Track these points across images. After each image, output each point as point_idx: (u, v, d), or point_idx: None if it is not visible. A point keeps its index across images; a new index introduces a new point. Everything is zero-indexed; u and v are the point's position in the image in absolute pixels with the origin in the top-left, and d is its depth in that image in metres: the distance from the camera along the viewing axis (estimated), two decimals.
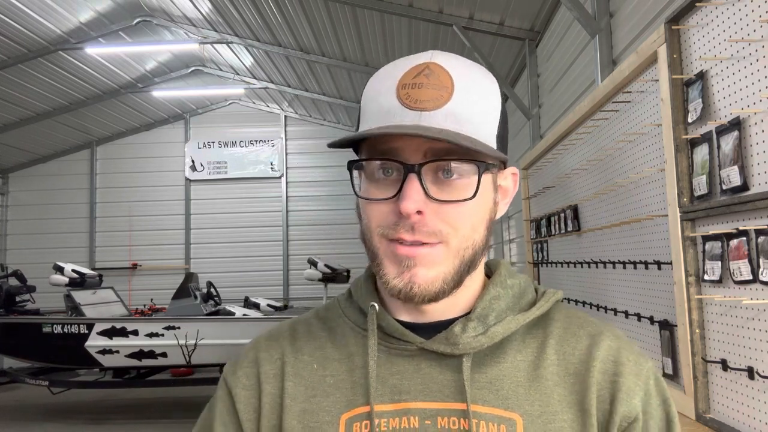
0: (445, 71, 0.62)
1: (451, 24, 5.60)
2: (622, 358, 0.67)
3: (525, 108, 5.74)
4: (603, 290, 2.59)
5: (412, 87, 0.61)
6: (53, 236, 11.15)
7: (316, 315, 0.77)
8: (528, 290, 0.73)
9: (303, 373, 0.70)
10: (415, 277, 0.62)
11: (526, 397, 0.64)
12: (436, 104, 0.60)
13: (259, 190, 11.40)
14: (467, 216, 0.62)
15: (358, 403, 0.66)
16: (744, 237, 1.42)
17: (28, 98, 8.86)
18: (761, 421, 1.41)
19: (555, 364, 0.66)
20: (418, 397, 0.65)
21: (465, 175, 0.62)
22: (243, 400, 0.70)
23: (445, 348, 0.65)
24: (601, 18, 3.64)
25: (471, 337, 0.65)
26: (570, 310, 0.74)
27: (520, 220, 5.95)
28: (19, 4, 6.68)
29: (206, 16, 7.68)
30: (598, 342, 0.68)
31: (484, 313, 0.67)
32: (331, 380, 0.68)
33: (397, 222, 0.61)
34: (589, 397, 0.64)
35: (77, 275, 7.08)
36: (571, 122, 2.85)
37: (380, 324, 0.68)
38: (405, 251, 0.62)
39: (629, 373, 0.66)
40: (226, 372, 0.74)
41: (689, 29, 1.71)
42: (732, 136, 1.48)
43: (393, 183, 0.62)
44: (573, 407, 0.64)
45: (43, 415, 6.87)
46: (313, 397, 0.68)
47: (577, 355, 0.67)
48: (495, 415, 0.63)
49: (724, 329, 1.57)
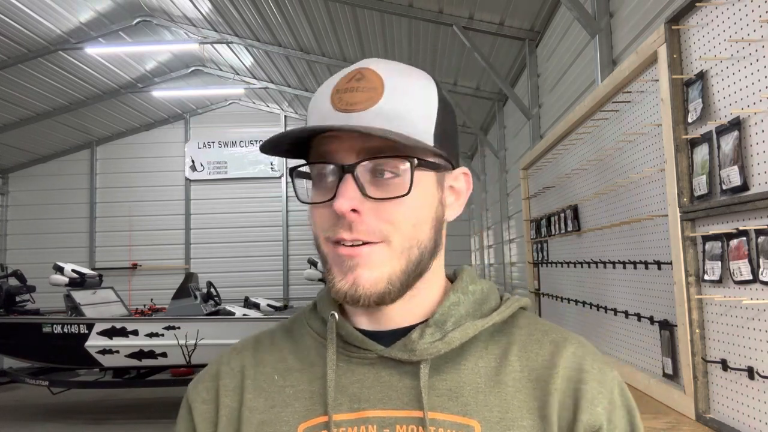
0: (377, 74, 0.63)
1: (451, 24, 5.60)
2: (585, 365, 0.66)
3: (525, 108, 5.74)
4: (603, 290, 2.59)
5: (344, 92, 0.63)
6: (53, 236, 11.16)
7: (282, 326, 0.76)
8: (491, 296, 0.72)
9: (263, 385, 0.69)
10: (358, 278, 0.62)
11: (485, 404, 0.63)
12: (365, 105, 0.62)
13: (259, 190, 11.41)
14: (407, 214, 0.62)
15: (317, 413, 0.65)
16: (744, 237, 1.42)
17: (28, 98, 8.87)
18: (761, 421, 1.41)
19: (517, 371, 0.66)
20: (377, 406, 0.64)
21: (401, 173, 0.62)
22: (200, 413, 0.70)
23: (403, 355, 0.65)
24: (601, 18, 3.64)
25: (428, 343, 0.65)
26: (535, 318, 0.73)
27: (520, 220, 5.95)
28: (19, 4, 6.69)
29: (206, 16, 7.68)
30: (562, 349, 0.67)
31: (442, 319, 0.67)
32: (290, 391, 0.68)
33: (336, 223, 0.62)
34: (550, 404, 0.63)
35: (77, 275, 7.08)
36: (571, 122, 2.85)
37: (340, 332, 0.68)
38: (346, 251, 0.62)
39: (593, 380, 0.65)
40: (189, 387, 0.74)
41: (689, 29, 1.71)
42: (732, 136, 1.48)
43: (331, 186, 0.63)
44: (533, 414, 0.63)
45: (43, 415, 6.87)
46: (272, 408, 0.67)
47: (539, 361, 0.66)
48: (453, 422, 0.63)
49: (724, 329, 1.57)
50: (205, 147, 11.46)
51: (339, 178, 0.61)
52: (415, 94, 0.64)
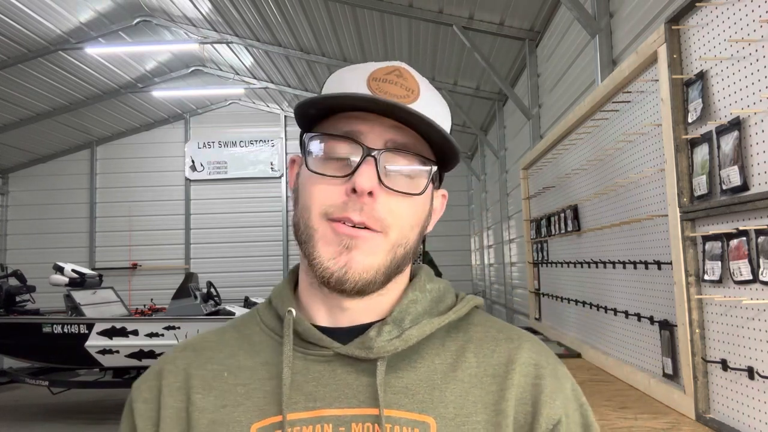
0: (414, 78, 0.65)
1: (451, 24, 5.60)
2: (541, 362, 0.68)
3: (525, 108, 5.74)
4: (603, 290, 2.59)
5: (383, 81, 0.63)
6: (53, 236, 11.16)
7: (232, 324, 0.75)
8: (447, 295, 0.73)
9: (212, 383, 0.67)
10: (351, 261, 0.62)
11: (440, 400, 0.64)
12: (404, 101, 0.63)
13: (259, 190, 11.41)
14: (410, 212, 0.64)
15: (271, 413, 0.64)
16: (744, 237, 1.42)
17: (28, 98, 8.87)
18: (761, 421, 1.41)
19: (474, 366, 0.67)
20: (333, 404, 0.64)
21: (416, 174, 0.64)
22: (142, 413, 0.68)
23: (360, 352, 0.64)
24: (601, 18, 3.65)
25: (386, 341, 0.65)
26: (489, 316, 0.75)
27: (520, 220, 5.95)
28: (19, 4, 6.69)
29: (206, 16, 7.68)
30: (519, 345, 0.69)
31: (400, 316, 0.67)
32: (242, 389, 0.66)
33: (347, 201, 0.61)
34: (506, 398, 0.65)
35: (77, 275, 7.08)
36: (571, 122, 2.85)
37: (297, 329, 0.67)
38: (347, 231, 0.61)
39: (549, 376, 0.67)
40: (132, 386, 0.72)
41: (689, 29, 1.71)
42: (732, 136, 1.48)
43: (347, 165, 0.62)
44: (488, 408, 0.64)
45: (43, 415, 6.87)
46: (223, 407, 0.65)
47: (496, 357, 0.68)
48: (409, 419, 0.63)
49: (724, 329, 1.57)
50: (205, 147, 11.46)
51: (361, 159, 0.61)
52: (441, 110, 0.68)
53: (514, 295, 7.06)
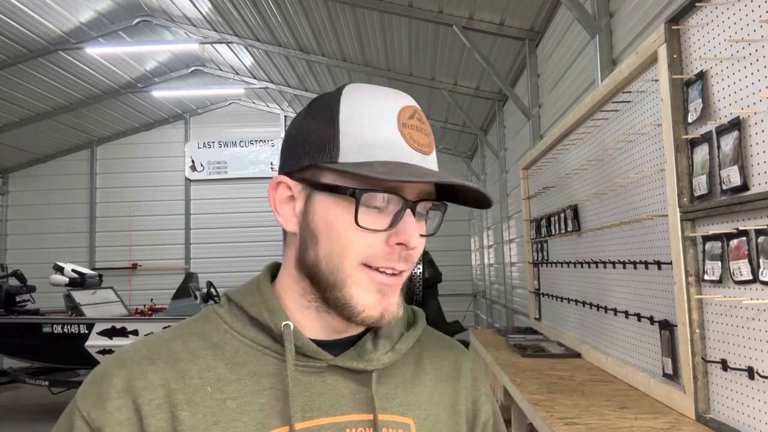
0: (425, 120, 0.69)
1: (451, 24, 5.60)
2: (476, 367, 0.82)
3: (525, 108, 5.74)
4: (603, 290, 2.59)
5: (411, 128, 0.66)
6: (53, 236, 11.16)
7: (190, 332, 0.68)
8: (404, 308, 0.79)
9: (196, 399, 0.62)
10: (390, 305, 0.66)
11: (414, 403, 0.72)
12: (429, 149, 0.67)
13: (259, 190, 11.40)
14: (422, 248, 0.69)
15: (272, 425, 0.63)
16: (744, 237, 1.42)
17: (28, 98, 8.87)
18: (761, 421, 1.41)
19: (431, 373, 0.76)
20: (328, 413, 0.66)
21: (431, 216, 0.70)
22: None
23: (358, 364, 0.68)
24: (601, 18, 3.65)
25: (382, 354, 0.70)
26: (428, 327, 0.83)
27: (520, 220, 5.95)
28: (19, 4, 6.69)
29: (206, 16, 7.68)
30: (461, 354, 0.82)
31: (389, 330, 0.73)
32: (233, 404, 0.63)
33: (392, 253, 0.64)
34: (460, 400, 0.77)
35: (77, 275, 7.08)
36: (571, 122, 2.84)
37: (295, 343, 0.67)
38: (389, 281, 0.65)
39: (480, 381, 0.81)
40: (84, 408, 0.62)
41: (689, 29, 1.71)
42: (732, 136, 1.48)
43: (385, 215, 0.64)
44: (447, 408, 0.75)
45: (43, 415, 6.87)
46: (215, 424, 0.62)
47: (446, 363, 0.79)
48: (394, 421, 0.69)
49: (724, 329, 1.56)
50: (205, 147, 11.46)
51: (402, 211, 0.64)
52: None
53: (514, 295, 7.06)
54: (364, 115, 0.64)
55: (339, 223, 0.63)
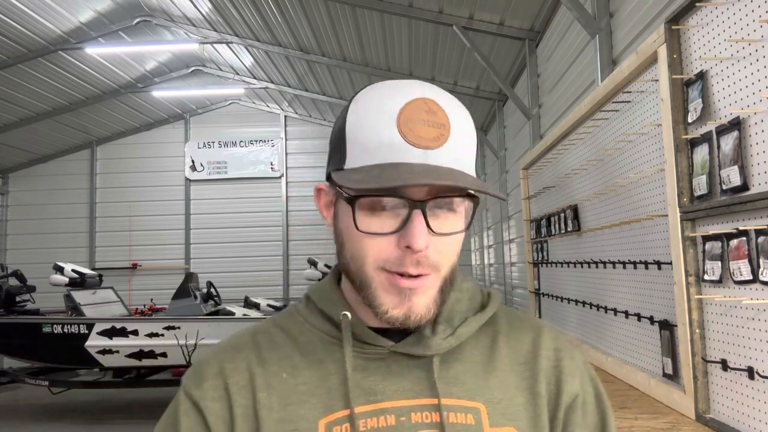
0: (441, 109, 0.64)
1: (451, 24, 5.60)
2: (560, 346, 0.77)
3: (525, 108, 5.74)
4: (603, 290, 2.59)
5: (413, 122, 0.62)
6: (53, 236, 11.16)
7: (275, 324, 0.77)
8: (477, 293, 0.79)
9: (273, 383, 0.70)
10: (414, 306, 0.65)
11: (485, 387, 0.71)
12: (438, 142, 0.62)
13: (259, 190, 11.40)
14: (456, 245, 0.67)
15: (336, 408, 0.68)
16: (744, 237, 1.42)
17: (28, 98, 8.87)
18: (761, 421, 1.41)
19: (507, 356, 0.75)
20: (391, 397, 0.68)
21: (458, 207, 0.66)
22: (213, 412, 0.69)
23: (417, 350, 0.70)
24: (601, 18, 3.65)
25: (441, 339, 0.70)
26: (509, 308, 0.82)
27: (520, 220, 5.95)
28: (19, 4, 6.69)
29: (206, 16, 7.68)
30: (541, 334, 0.77)
31: (449, 315, 0.73)
32: (304, 388, 0.70)
33: (402, 256, 0.63)
34: (539, 381, 0.73)
35: (77, 275, 7.08)
36: (571, 122, 2.84)
37: (353, 331, 0.71)
38: (407, 284, 0.64)
39: (567, 358, 0.76)
40: (187, 386, 0.72)
41: (689, 29, 1.71)
42: (732, 136, 1.48)
43: (393, 216, 0.64)
44: (525, 391, 0.72)
45: (43, 415, 6.87)
46: (288, 405, 0.69)
47: (524, 346, 0.76)
48: (462, 405, 0.69)
49: (724, 329, 1.56)
50: (205, 147, 11.45)
51: (408, 213, 0.62)
52: (470, 132, 0.67)
53: (514, 295, 7.06)
54: (367, 118, 0.65)
55: (353, 228, 0.65)
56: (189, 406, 0.71)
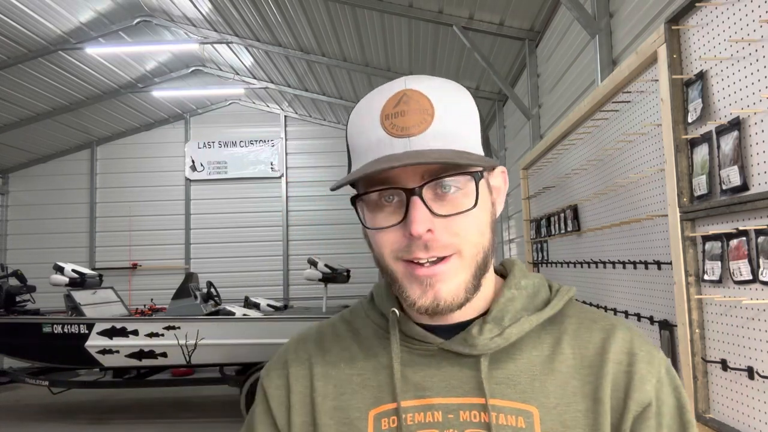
0: (422, 95, 0.65)
1: (451, 24, 5.60)
2: (635, 349, 0.70)
3: (525, 108, 5.74)
4: (603, 290, 2.59)
5: (395, 116, 0.64)
6: (53, 236, 11.16)
7: (342, 318, 0.82)
8: (542, 289, 0.76)
9: (331, 372, 0.75)
10: (438, 293, 0.65)
11: (541, 390, 0.68)
12: (421, 128, 0.64)
13: (259, 190, 11.40)
14: (474, 224, 0.66)
15: (385, 401, 0.70)
16: (744, 237, 1.42)
17: (28, 98, 8.87)
18: (761, 421, 1.41)
19: (570, 358, 0.70)
20: (440, 394, 0.69)
21: (463, 186, 0.65)
22: (275, 398, 0.76)
23: (464, 348, 0.69)
24: (601, 18, 3.65)
25: (487, 339, 0.69)
26: (583, 306, 0.77)
27: (520, 220, 5.95)
28: (19, 4, 6.69)
29: (206, 16, 7.68)
30: (612, 335, 0.71)
31: (499, 315, 0.71)
32: (358, 379, 0.73)
33: (410, 244, 0.64)
34: (603, 387, 0.68)
35: (77, 275, 7.08)
36: (571, 122, 2.84)
37: (402, 327, 0.72)
38: (424, 272, 0.65)
39: (642, 362, 0.69)
40: (261, 375, 0.80)
41: (689, 29, 1.71)
42: (732, 136, 1.48)
43: (396, 208, 0.66)
44: (587, 398, 0.68)
45: (43, 415, 6.87)
46: (342, 394, 0.73)
47: (591, 348, 0.71)
48: (513, 408, 0.67)
49: (724, 329, 1.56)
50: (205, 147, 11.45)
51: (406, 201, 0.64)
52: (460, 108, 0.67)
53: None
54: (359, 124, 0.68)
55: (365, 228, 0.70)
56: (261, 393, 0.79)
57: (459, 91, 0.69)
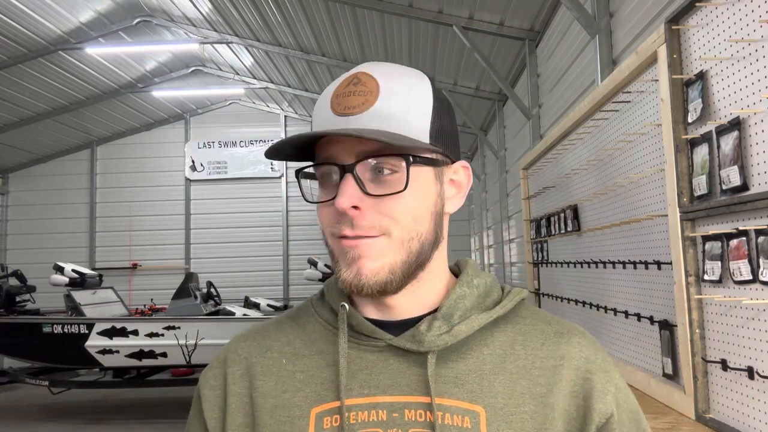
0: (372, 78, 0.67)
1: (451, 24, 5.60)
2: (591, 356, 0.70)
3: (525, 108, 5.74)
4: (603, 290, 2.59)
5: (343, 96, 0.66)
6: (53, 236, 11.16)
7: (288, 314, 0.80)
8: (493, 289, 0.75)
9: (272, 369, 0.72)
10: (361, 268, 0.65)
11: (489, 390, 0.67)
12: (362, 108, 0.65)
13: (259, 190, 11.41)
14: (406, 208, 0.65)
15: (329, 398, 0.68)
16: (744, 237, 1.42)
17: (28, 98, 8.87)
18: (761, 421, 1.41)
19: (522, 359, 0.69)
20: (386, 392, 0.67)
21: (399, 170, 0.65)
22: (209, 399, 0.74)
23: (411, 345, 0.68)
24: (601, 18, 3.65)
25: (435, 336, 0.68)
26: (537, 308, 0.77)
27: (520, 220, 5.95)
28: (19, 4, 6.69)
29: (206, 16, 7.68)
30: (569, 339, 0.71)
31: (449, 312, 0.70)
32: (301, 376, 0.71)
33: (340, 219, 0.66)
34: (555, 393, 0.67)
35: (77, 275, 7.08)
36: (571, 122, 2.84)
37: (350, 322, 0.71)
38: (348, 243, 0.66)
39: (600, 371, 0.69)
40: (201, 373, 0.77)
41: (689, 29, 1.71)
42: (732, 136, 1.48)
43: (335, 186, 0.66)
44: (535, 400, 0.67)
45: (43, 415, 6.87)
46: (284, 392, 0.70)
47: (545, 350, 0.70)
48: (459, 407, 0.66)
49: (724, 329, 1.57)
50: (205, 147, 11.46)
51: (340, 177, 0.65)
52: (409, 94, 0.67)
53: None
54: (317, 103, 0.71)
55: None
56: (196, 395, 0.76)
57: (413, 79, 0.69)
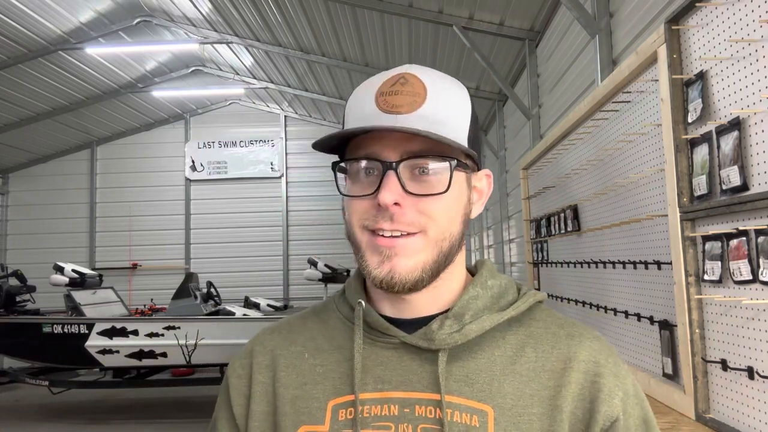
0: (419, 80, 0.69)
1: (451, 24, 5.60)
2: (601, 359, 0.70)
3: (525, 108, 5.74)
4: (603, 290, 2.59)
5: (389, 94, 0.68)
6: (53, 236, 11.16)
7: (313, 309, 0.83)
8: (509, 291, 0.77)
9: (295, 362, 0.76)
10: (395, 266, 0.67)
11: (499, 391, 0.68)
12: (410, 108, 0.67)
13: (259, 190, 11.41)
14: (444, 208, 0.68)
15: (345, 392, 0.71)
16: (744, 237, 1.42)
17: (28, 98, 8.87)
18: (761, 421, 1.41)
19: (532, 361, 0.70)
20: (399, 387, 0.69)
21: (439, 172, 0.67)
22: (235, 387, 0.78)
23: (423, 343, 0.70)
24: (601, 18, 3.65)
25: (446, 334, 0.69)
26: (552, 311, 0.78)
27: (520, 220, 5.95)
28: (19, 4, 6.69)
29: (206, 16, 7.68)
30: (580, 342, 0.72)
31: (461, 311, 0.71)
32: (320, 369, 0.74)
33: (377, 214, 0.67)
34: (563, 395, 0.68)
35: (77, 275, 7.08)
36: (571, 122, 2.84)
37: (366, 319, 0.73)
38: (385, 242, 0.67)
39: (609, 374, 0.69)
40: (229, 362, 0.82)
41: (689, 29, 1.71)
42: (732, 136, 1.48)
43: (373, 181, 0.68)
44: (543, 402, 0.68)
45: (43, 415, 6.87)
46: (304, 384, 0.74)
47: (555, 353, 0.71)
48: (468, 406, 0.67)
49: (724, 329, 1.57)
50: (205, 147, 11.46)
51: (382, 173, 0.66)
52: (453, 102, 0.70)
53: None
54: (356, 98, 0.72)
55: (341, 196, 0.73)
56: (224, 382, 0.80)
57: (456, 86, 0.72)
